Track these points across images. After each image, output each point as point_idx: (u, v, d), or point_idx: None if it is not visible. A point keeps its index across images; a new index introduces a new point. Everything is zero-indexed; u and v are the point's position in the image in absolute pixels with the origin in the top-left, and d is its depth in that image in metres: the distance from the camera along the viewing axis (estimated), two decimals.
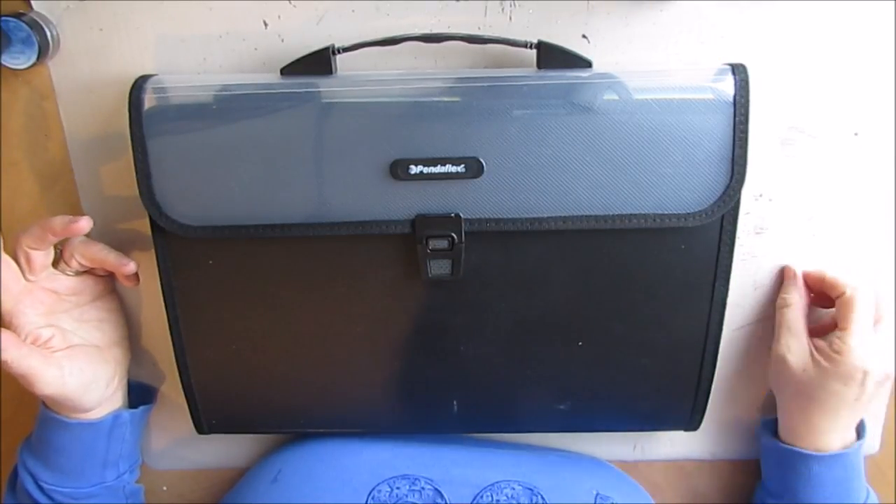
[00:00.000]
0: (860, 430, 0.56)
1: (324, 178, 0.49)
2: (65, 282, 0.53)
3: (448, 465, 0.58)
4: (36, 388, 0.50)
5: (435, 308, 0.54)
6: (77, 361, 0.52)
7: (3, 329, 0.49)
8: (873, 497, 0.57)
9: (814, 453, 0.54)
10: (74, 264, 0.53)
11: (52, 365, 0.50)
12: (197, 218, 0.51)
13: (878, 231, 0.57)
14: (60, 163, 0.57)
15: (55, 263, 0.53)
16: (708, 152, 0.48)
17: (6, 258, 0.50)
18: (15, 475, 0.58)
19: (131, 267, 0.54)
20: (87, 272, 0.55)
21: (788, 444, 0.55)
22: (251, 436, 0.65)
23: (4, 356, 0.48)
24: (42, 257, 0.51)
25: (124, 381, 0.58)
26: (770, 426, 0.59)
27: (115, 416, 0.56)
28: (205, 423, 0.59)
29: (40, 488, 0.55)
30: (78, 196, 0.57)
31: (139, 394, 0.61)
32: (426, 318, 0.54)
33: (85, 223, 0.50)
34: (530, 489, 0.55)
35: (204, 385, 0.57)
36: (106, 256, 0.53)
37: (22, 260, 0.51)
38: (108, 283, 0.57)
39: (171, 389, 0.63)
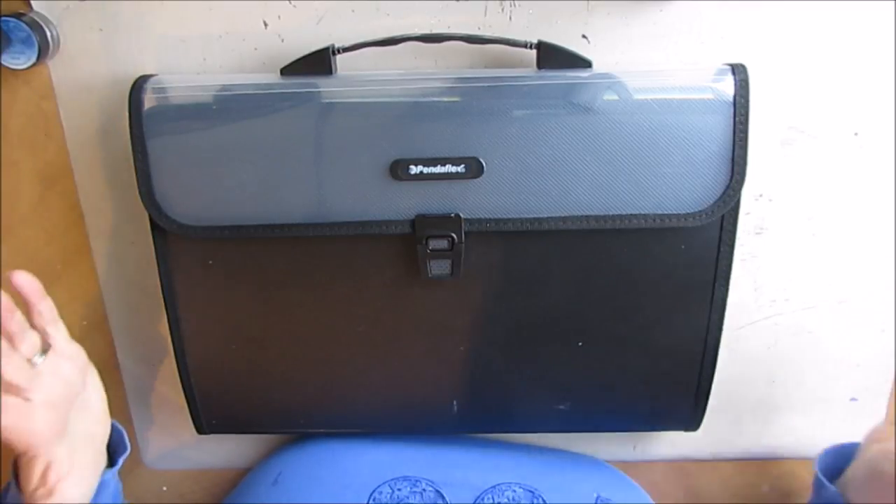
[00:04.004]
0: None
1: (324, 178, 0.49)
2: (65, 371, 0.46)
3: (449, 467, 0.58)
4: None
5: (435, 308, 0.54)
6: (85, 472, 0.47)
7: None
8: None
9: None
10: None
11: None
12: (197, 218, 0.50)
13: (878, 231, 0.57)
14: (60, 163, 0.57)
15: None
16: (708, 152, 0.48)
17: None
18: None
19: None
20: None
21: None
22: (251, 436, 0.65)
23: None
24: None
25: None
26: (828, 471, 0.54)
27: (101, 483, 0.49)
28: (205, 423, 0.59)
29: None
30: (78, 196, 0.58)
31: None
32: (426, 318, 0.54)
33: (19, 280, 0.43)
34: (531, 491, 0.55)
35: (204, 385, 0.57)
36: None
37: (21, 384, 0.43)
38: (83, 360, 0.49)
39: (171, 389, 0.63)
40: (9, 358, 0.43)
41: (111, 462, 0.51)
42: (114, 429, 0.52)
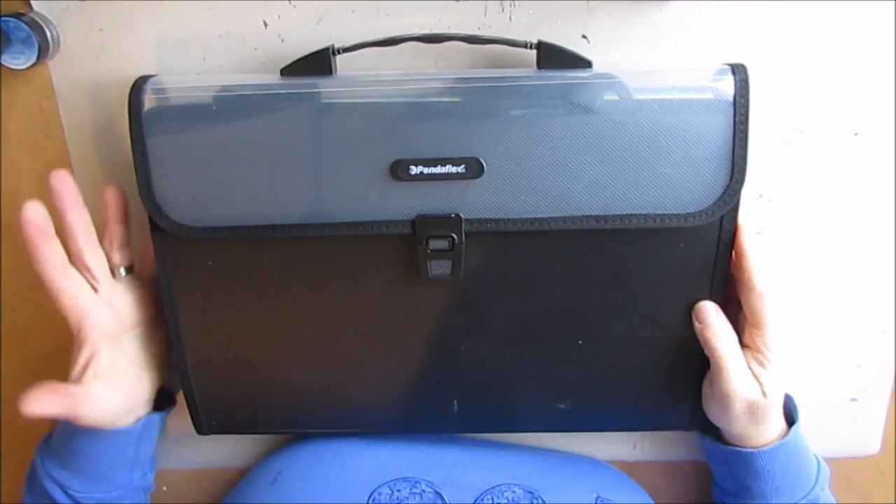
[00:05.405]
0: (790, 413, 0.56)
1: (324, 178, 0.49)
2: (122, 297, 0.53)
3: (449, 468, 0.58)
4: (77, 423, 0.50)
5: (435, 308, 0.54)
6: (118, 390, 0.52)
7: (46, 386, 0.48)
8: (824, 467, 0.57)
9: (756, 451, 0.53)
10: (116, 256, 0.53)
11: (87, 400, 0.50)
12: (197, 218, 0.50)
13: (878, 231, 0.57)
14: (60, 163, 0.56)
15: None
16: (708, 152, 0.48)
17: (72, 271, 0.50)
18: (31, 477, 0.57)
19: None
20: (139, 286, 0.54)
21: (730, 446, 0.55)
22: (251, 436, 0.65)
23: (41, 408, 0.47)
24: (100, 264, 0.51)
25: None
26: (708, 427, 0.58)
27: (147, 420, 0.55)
28: (205, 423, 0.59)
29: (71, 497, 0.54)
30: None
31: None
32: (426, 318, 0.54)
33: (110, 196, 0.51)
34: (531, 492, 0.55)
35: (204, 385, 0.57)
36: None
37: (83, 272, 0.51)
38: (158, 308, 0.55)
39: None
40: (94, 249, 0.51)
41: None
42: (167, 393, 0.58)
